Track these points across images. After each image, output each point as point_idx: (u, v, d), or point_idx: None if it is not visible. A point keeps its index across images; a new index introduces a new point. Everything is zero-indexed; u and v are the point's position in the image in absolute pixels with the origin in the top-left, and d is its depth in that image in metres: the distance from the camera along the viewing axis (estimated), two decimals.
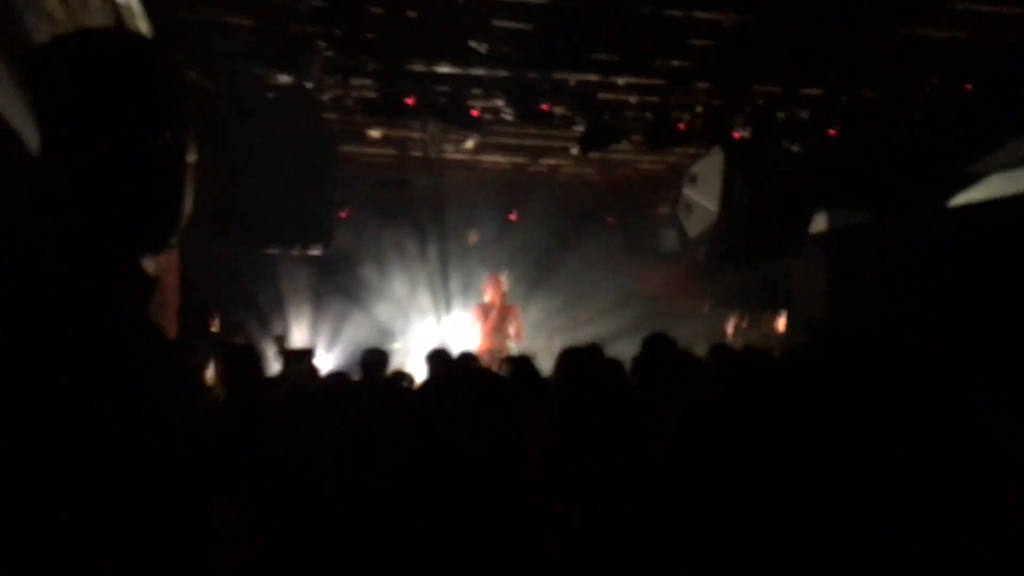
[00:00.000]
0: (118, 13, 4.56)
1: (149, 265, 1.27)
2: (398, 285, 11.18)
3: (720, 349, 5.28)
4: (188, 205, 1.25)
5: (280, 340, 5.79)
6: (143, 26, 5.02)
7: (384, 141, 8.55)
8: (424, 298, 11.32)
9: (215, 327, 8.29)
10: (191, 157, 1.24)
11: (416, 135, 7.63)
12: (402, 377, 5.38)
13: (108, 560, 0.98)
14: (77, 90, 1.17)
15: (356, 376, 5.98)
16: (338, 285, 10.82)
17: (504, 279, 8.46)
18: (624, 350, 9.42)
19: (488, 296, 8.39)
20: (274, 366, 5.90)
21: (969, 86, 6.93)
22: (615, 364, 3.70)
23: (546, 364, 4.94)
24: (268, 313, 10.00)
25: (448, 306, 11.22)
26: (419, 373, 7.34)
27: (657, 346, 4.36)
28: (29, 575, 0.95)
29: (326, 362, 9.44)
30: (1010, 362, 2.91)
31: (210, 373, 5.58)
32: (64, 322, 1.02)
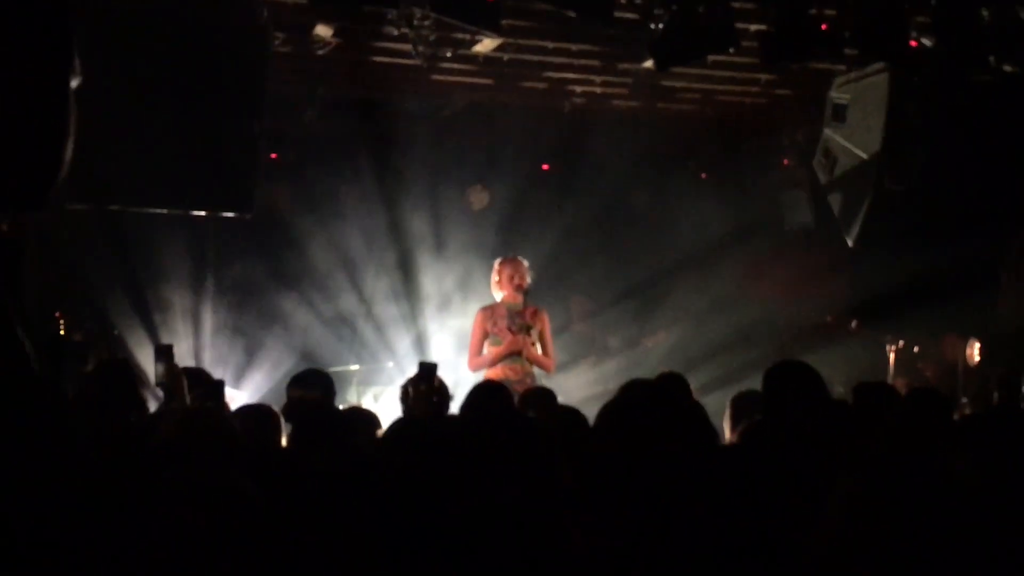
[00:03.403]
0: None
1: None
2: (356, 270, 11.19)
3: (873, 391, 5.25)
4: (69, 148, 1.27)
5: (165, 353, 5.81)
6: None
7: (340, 43, 8.55)
8: (397, 292, 11.33)
9: (63, 330, 8.34)
10: (74, 81, 1.26)
11: (394, 32, 7.62)
12: (361, 419, 5.40)
13: None
14: None
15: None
16: (258, 269, 10.85)
17: (527, 267, 8.42)
18: (716, 381, 9.47)
19: (502, 293, 8.36)
20: (159, 392, 5.96)
21: None
22: (697, 408, 3.72)
23: (590, 406, 4.93)
24: (144, 312, 10.05)
25: (436, 307, 11.23)
26: (387, 412, 7.30)
27: (788, 385, 4.36)
28: None
29: (239, 394, 9.46)
30: None
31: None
32: None
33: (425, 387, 5.63)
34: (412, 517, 1.93)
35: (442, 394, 5.89)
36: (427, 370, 5.75)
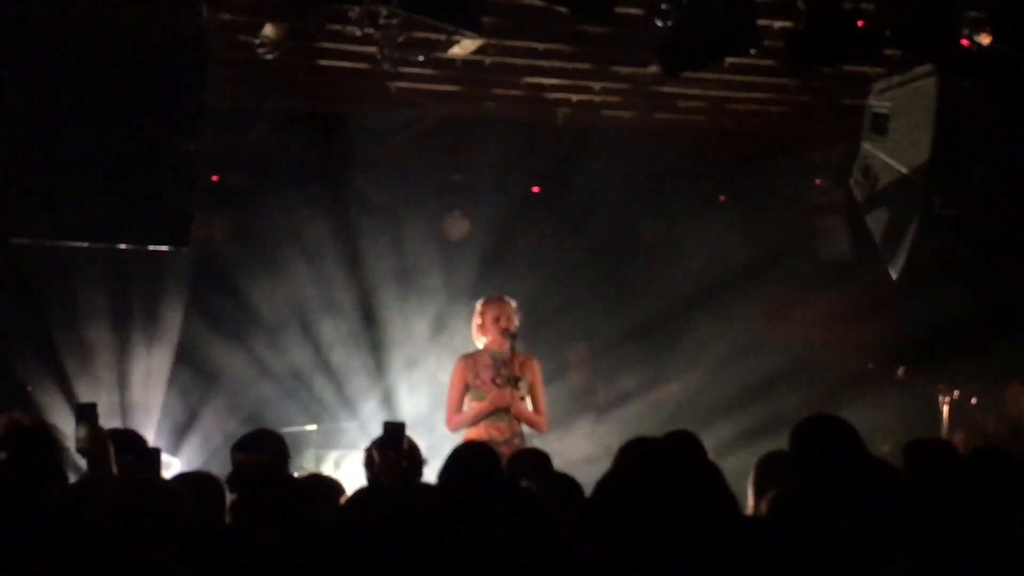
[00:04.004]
0: None
1: None
2: (312, 313, 11.15)
3: (927, 450, 5.26)
4: None
5: (87, 414, 5.77)
6: None
7: (293, 47, 8.57)
8: (360, 339, 11.30)
9: None
10: None
11: (356, 32, 7.63)
12: (320, 488, 5.38)
13: None
14: None
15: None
16: (196, 313, 10.80)
17: (515, 308, 8.42)
18: (738, 439, 9.40)
19: (484, 338, 8.36)
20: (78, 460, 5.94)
21: None
22: (714, 472, 3.71)
23: (590, 470, 4.92)
24: (58, 365, 9.98)
25: (407, 356, 11.21)
26: (351, 480, 7.25)
27: (820, 444, 4.35)
28: None
29: (175, 461, 9.41)
30: None
31: None
32: None
33: (393, 452, 5.61)
34: None
35: (413, 458, 5.88)
36: (393, 431, 5.73)
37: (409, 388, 10.98)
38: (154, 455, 5.96)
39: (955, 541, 2.92)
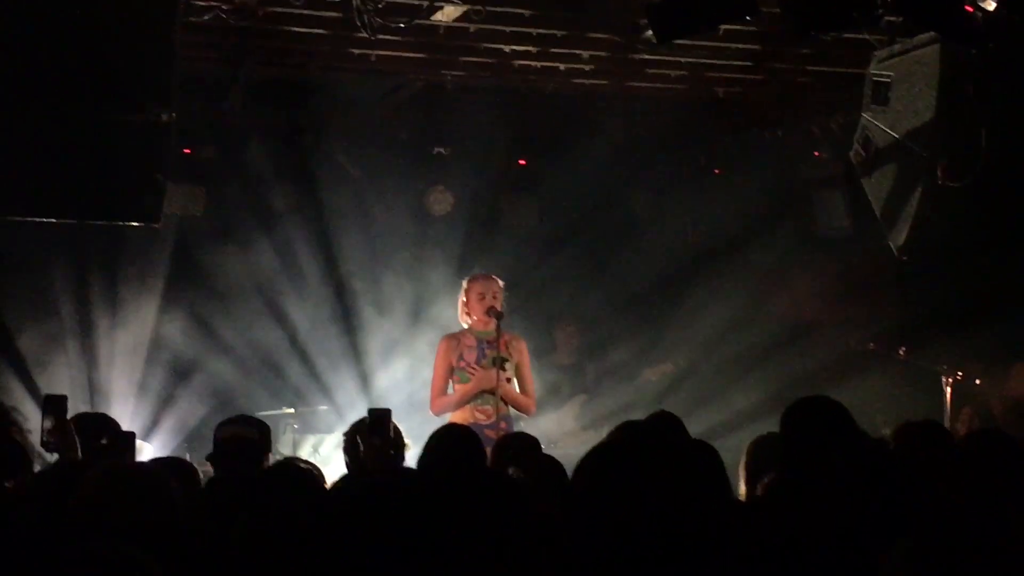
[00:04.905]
0: None
1: None
2: (286, 291, 11.14)
3: (917, 431, 5.30)
4: None
5: (55, 406, 5.79)
6: None
7: (267, 12, 8.56)
8: (338, 321, 11.32)
9: None
10: None
11: None
12: (296, 467, 5.42)
13: None
14: None
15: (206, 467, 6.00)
16: (165, 291, 10.77)
17: (502, 287, 8.41)
18: (732, 421, 9.41)
19: (470, 318, 8.37)
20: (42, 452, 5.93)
21: None
22: (707, 451, 3.74)
23: (576, 453, 4.98)
24: (14, 348, 9.97)
25: (386, 336, 11.21)
26: (328, 462, 7.27)
27: (816, 424, 4.40)
28: None
29: (146, 447, 9.43)
30: None
31: None
32: None
33: (379, 440, 5.62)
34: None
35: (398, 445, 5.90)
36: (379, 418, 5.74)
37: (389, 370, 10.98)
38: (129, 439, 5.97)
39: (953, 526, 2.96)
